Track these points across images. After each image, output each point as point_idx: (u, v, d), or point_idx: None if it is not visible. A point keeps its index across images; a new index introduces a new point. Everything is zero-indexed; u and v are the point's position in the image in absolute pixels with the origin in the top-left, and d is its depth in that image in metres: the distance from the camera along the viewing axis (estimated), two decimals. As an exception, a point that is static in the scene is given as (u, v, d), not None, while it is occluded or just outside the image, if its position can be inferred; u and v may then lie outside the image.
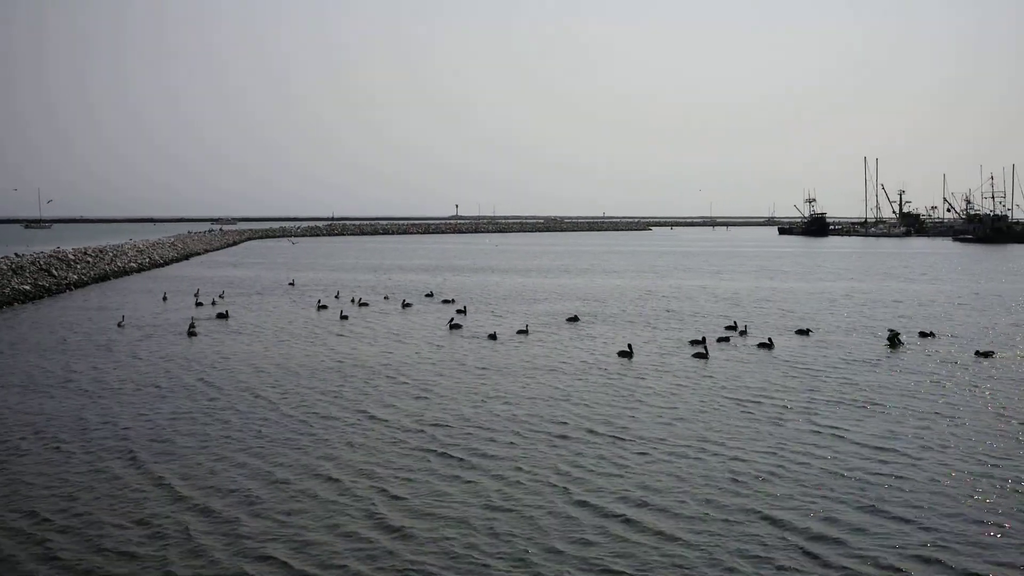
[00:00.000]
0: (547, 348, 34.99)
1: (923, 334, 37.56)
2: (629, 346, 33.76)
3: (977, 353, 32.77)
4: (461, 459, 19.23)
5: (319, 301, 51.51)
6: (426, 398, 25.43)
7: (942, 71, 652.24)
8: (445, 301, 52.47)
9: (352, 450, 19.94)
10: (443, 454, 19.63)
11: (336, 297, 54.62)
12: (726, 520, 15.47)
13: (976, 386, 26.96)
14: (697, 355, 32.70)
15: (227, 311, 46.35)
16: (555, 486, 17.36)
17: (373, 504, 16.33)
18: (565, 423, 22.39)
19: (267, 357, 32.69)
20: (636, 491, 17.02)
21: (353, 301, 52.65)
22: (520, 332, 39.04)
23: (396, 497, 16.72)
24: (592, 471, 18.33)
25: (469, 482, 17.64)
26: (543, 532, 15.03)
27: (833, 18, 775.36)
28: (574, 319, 43.94)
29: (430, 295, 56.56)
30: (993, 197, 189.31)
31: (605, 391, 26.49)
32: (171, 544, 14.56)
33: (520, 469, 18.48)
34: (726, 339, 36.26)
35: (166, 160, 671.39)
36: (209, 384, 27.61)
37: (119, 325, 41.53)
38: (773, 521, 15.43)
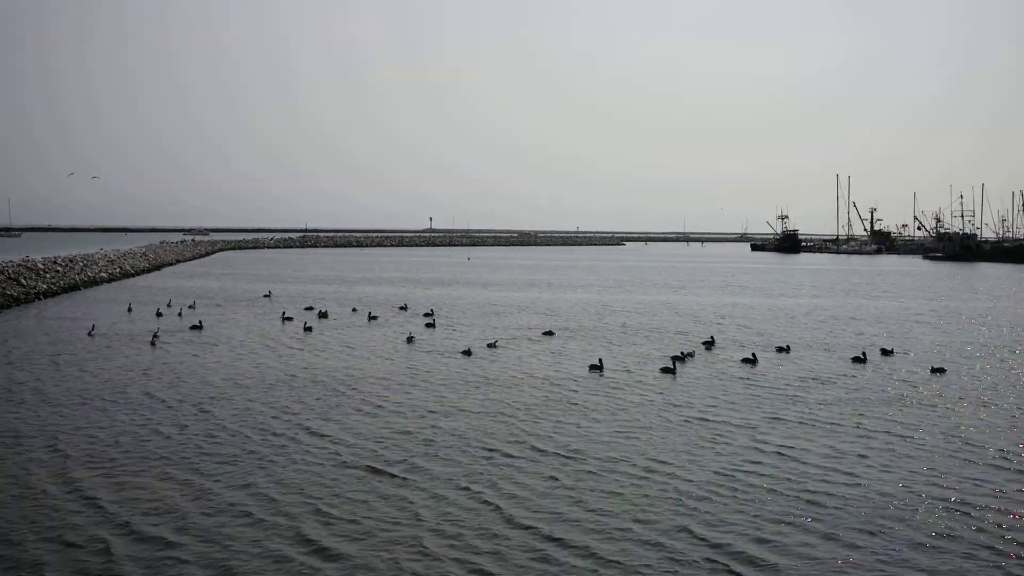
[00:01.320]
0: (514, 362, 34.84)
1: (884, 351, 37.79)
2: (600, 360, 33.85)
3: (933, 370, 33.01)
4: (399, 476, 19.00)
5: (283, 313, 51.16)
6: (373, 414, 25.16)
7: (917, 92, 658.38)
8: (426, 315, 52.21)
9: (291, 467, 19.64)
10: (381, 471, 19.39)
11: (308, 310, 54.20)
12: (654, 542, 15.34)
13: (929, 404, 27.04)
14: (665, 370, 32.72)
15: (200, 322, 46.09)
16: (489, 504, 17.19)
17: (302, 524, 16.06)
18: (513, 440, 22.19)
19: (221, 370, 32.33)
20: (571, 510, 16.87)
21: (315, 311, 52.52)
22: (489, 346, 38.98)
23: (326, 516, 16.47)
24: (531, 489, 18.15)
25: (403, 500, 17.42)
26: (471, 551, 14.86)
27: (811, 35, 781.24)
28: (549, 333, 43.92)
29: (404, 308, 56.29)
30: (962, 216, 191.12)
31: (561, 407, 26.31)
32: (89, 564, 14.29)
33: (457, 487, 18.28)
34: (690, 355, 36.14)
35: (131, 171, 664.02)
36: (157, 398, 27.20)
37: (89, 334, 41.33)
38: (701, 540, 15.34)
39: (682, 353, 36.88)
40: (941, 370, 32.91)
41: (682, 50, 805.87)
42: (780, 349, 38.43)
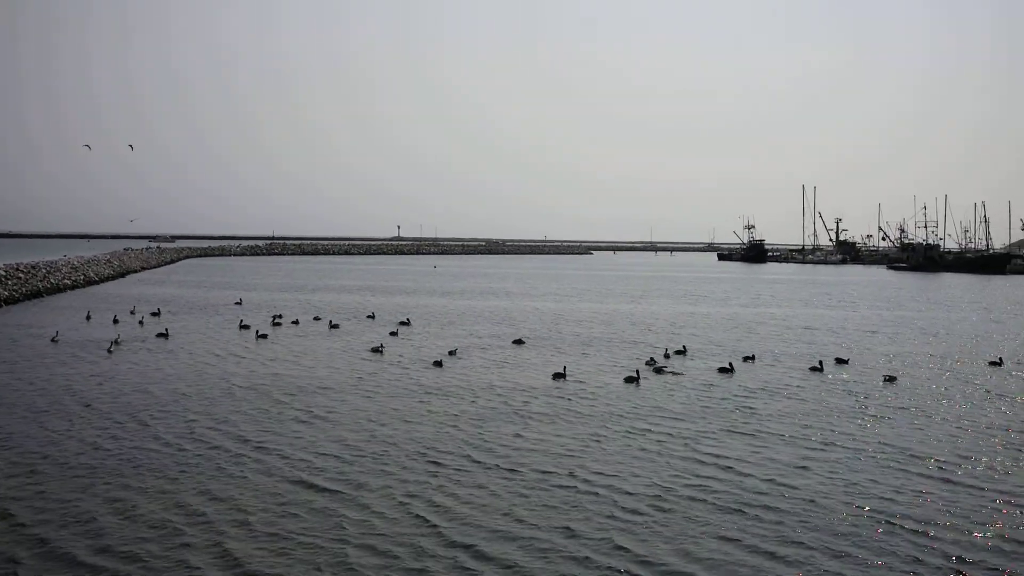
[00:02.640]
0: (473, 371, 34.68)
1: (839, 360, 38.08)
2: (564, 368, 33.99)
3: (885, 379, 33.30)
4: (332, 489, 18.69)
5: (241, 321, 50.67)
6: (315, 424, 24.82)
7: (882, 104, 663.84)
8: (402, 323, 52.06)
9: (222, 480, 19.29)
10: (315, 484, 19.08)
11: (279, 318, 53.79)
12: (581, 557, 15.18)
13: (874, 415, 27.09)
14: (628, 379, 32.75)
15: (167, 329, 45.65)
16: (421, 518, 16.93)
17: (225, 538, 15.74)
18: (455, 451, 21.92)
19: (167, 379, 31.80)
20: (503, 525, 16.65)
21: (284, 320, 52.31)
22: (450, 353, 38.99)
23: (251, 530, 16.18)
24: (468, 503, 17.91)
25: (334, 514, 17.13)
26: (394, 568, 14.63)
27: (780, 49, 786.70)
28: (519, 342, 43.87)
29: (371, 316, 55.90)
30: (926, 227, 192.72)
31: (512, 417, 26.11)
32: (-2, 580, 13.98)
33: (392, 500, 17.99)
34: (665, 357, 35.92)
35: (89, 177, 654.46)
36: (95, 408, 26.69)
37: (53, 340, 41.03)
38: (627, 553, 15.20)
39: (652, 359, 37.45)
40: (892, 379, 33.24)
41: (652, 57, 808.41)
42: (747, 358, 38.59)
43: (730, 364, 35.81)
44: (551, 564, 14.80)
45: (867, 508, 17.77)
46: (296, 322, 51.76)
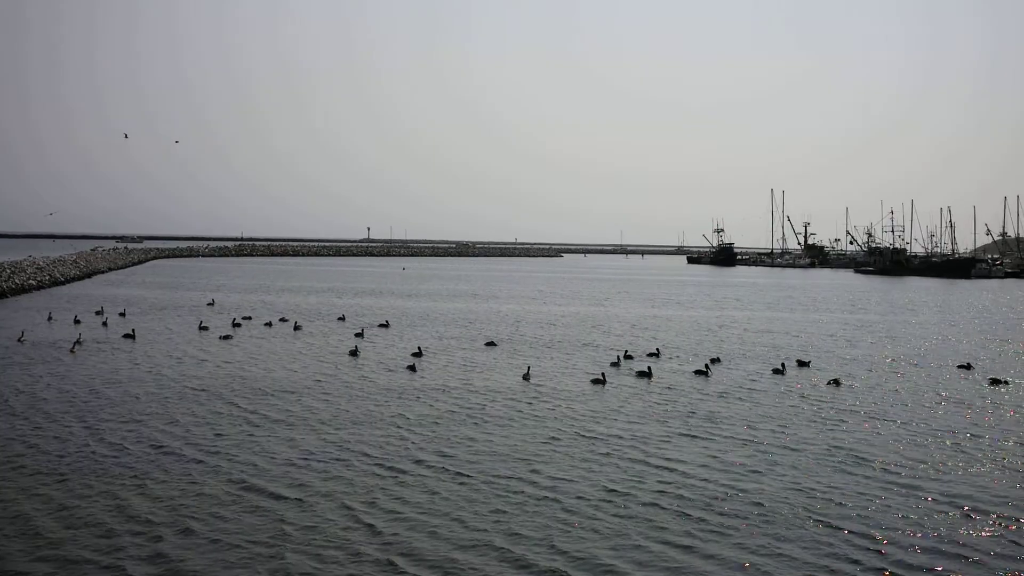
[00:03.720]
0: (438, 373, 34.58)
1: (800, 363, 38.30)
2: (528, 368, 34.24)
3: (831, 382, 33.51)
4: (275, 492, 18.49)
5: (201, 322, 50.27)
6: (264, 426, 24.59)
7: (849, 109, 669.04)
8: (381, 325, 52.11)
9: (164, 483, 19.03)
10: (258, 487, 18.88)
11: (246, 319, 53.84)
12: (515, 558, 15.16)
13: (823, 417, 27.21)
14: (595, 381, 32.89)
15: (133, 331, 45.20)
16: (362, 522, 16.76)
17: (162, 543, 15.55)
18: (404, 455, 21.78)
19: (122, 380, 31.46)
20: (445, 528, 16.57)
21: (252, 321, 51.99)
22: (414, 354, 39.03)
23: (189, 535, 16.00)
24: (411, 505, 17.80)
25: (275, 517, 16.95)
26: (329, 571, 14.55)
27: (751, 52, 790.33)
28: (492, 344, 43.97)
29: (342, 319, 55.62)
30: (893, 231, 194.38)
31: (465, 419, 25.97)
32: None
33: (334, 504, 17.85)
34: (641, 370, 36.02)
35: (57, 177, 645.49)
36: (39, 409, 26.30)
37: (19, 340, 40.67)
38: (562, 553, 15.19)
39: (618, 359, 38.15)
40: (837, 381, 33.46)
41: (623, 56, 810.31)
42: (714, 360, 38.86)
43: (706, 366, 36.14)
44: (486, 566, 14.77)
45: (810, 510, 17.82)
46: (269, 324, 51.51)
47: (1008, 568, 14.98)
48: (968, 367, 38.49)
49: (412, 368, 35.19)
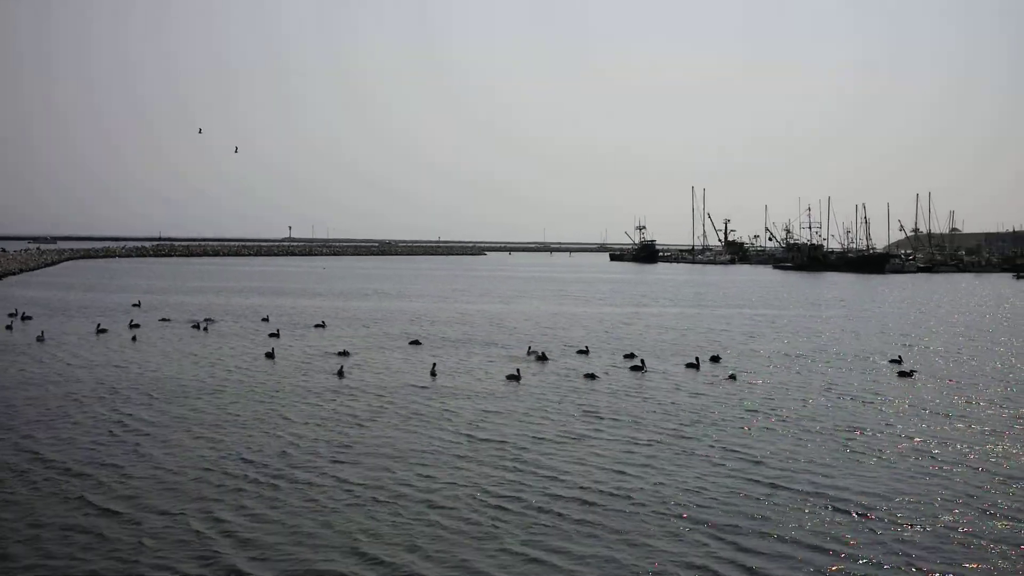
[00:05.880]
0: (356, 373, 34.03)
1: (714, 358, 38.57)
2: (434, 365, 34.45)
3: (729, 377, 33.71)
4: (108, 509, 17.53)
5: (98, 325, 48.92)
6: (134, 429, 23.72)
7: (772, 108, 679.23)
8: (317, 326, 51.40)
9: (23, 494, 18.27)
10: (99, 492, 18.24)
11: (166, 320, 52.94)
12: (366, 561, 14.83)
13: (711, 412, 27.16)
14: (510, 377, 32.84)
15: (43, 332, 44.00)
16: (197, 532, 16.06)
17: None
18: (272, 457, 21.16)
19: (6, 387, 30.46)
20: (280, 537, 16.07)
21: (196, 325, 50.82)
22: (340, 354, 38.88)
23: (32, 548, 15.37)
24: (250, 514, 17.07)
25: (109, 524, 16.35)
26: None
27: (670, 51, 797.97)
28: (416, 343, 43.65)
29: (266, 320, 54.41)
30: (810, 227, 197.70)
31: (340, 420, 25.40)
32: None
33: (171, 509, 17.16)
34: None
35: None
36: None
37: None
38: (421, 555, 14.88)
39: (543, 353, 38.67)
40: (733, 377, 33.66)
41: (550, 71, 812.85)
42: (627, 356, 39.12)
43: (642, 361, 36.18)
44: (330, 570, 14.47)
45: (680, 507, 17.67)
46: (198, 326, 50.31)
47: (868, 562, 15.00)
48: (900, 361, 38.77)
49: (341, 372, 33.72)
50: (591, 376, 33.46)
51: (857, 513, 17.39)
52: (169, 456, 21.14)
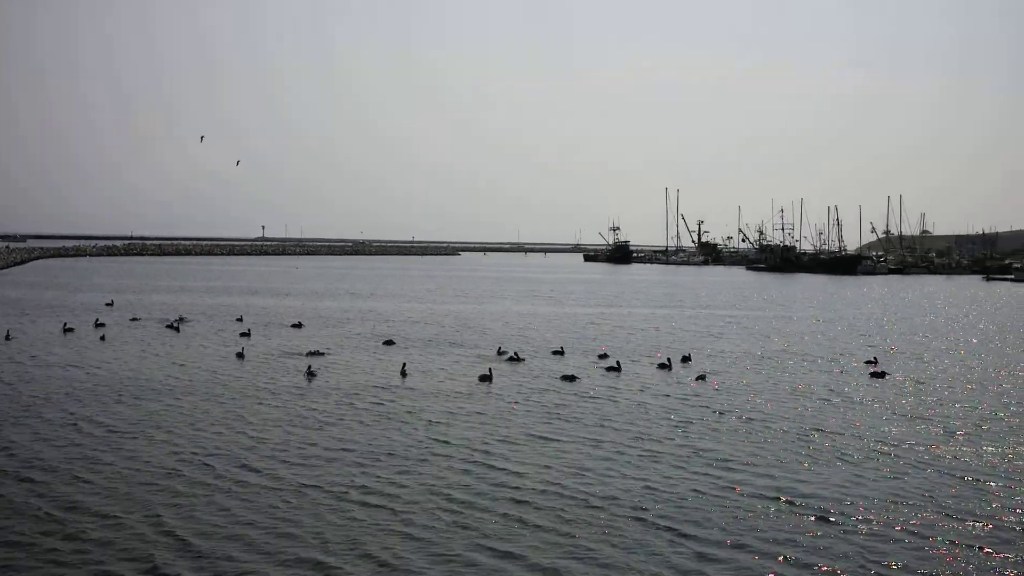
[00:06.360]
0: (329, 374, 33.79)
1: (684, 358, 38.60)
2: (404, 365, 34.52)
3: (698, 378, 33.77)
4: (62, 501, 17.59)
5: (65, 324, 48.46)
6: (70, 437, 23.08)
7: (745, 109, 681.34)
8: (294, 326, 51.24)
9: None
10: (46, 491, 18.13)
11: (136, 319, 52.72)
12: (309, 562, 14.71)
13: (674, 411, 27.14)
14: (482, 377, 32.83)
15: (8, 332, 43.61)
16: (138, 532, 15.96)
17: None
18: (232, 456, 20.95)
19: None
20: (228, 539, 15.90)
21: (170, 325, 50.32)
22: (312, 354, 38.89)
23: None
24: (197, 517, 16.85)
25: (67, 528, 16.13)
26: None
27: (642, 53, 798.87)
28: (390, 343, 43.65)
29: (240, 319, 53.98)
30: (783, 229, 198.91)
31: (301, 421, 25.18)
32: None
33: (132, 514, 16.92)
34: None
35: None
36: None
37: None
38: (366, 557, 14.78)
39: (516, 353, 38.74)
40: (703, 377, 33.82)
41: (521, 68, 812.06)
42: (601, 356, 39.43)
43: (617, 363, 36.27)
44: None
45: (638, 509, 17.62)
46: (171, 325, 49.92)
47: (822, 563, 14.99)
48: (875, 362, 38.96)
49: (310, 374, 33.35)
50: (570, 378, 33.28)
51: (814, 514, 17.40)
52: (125, 459, 20.85)
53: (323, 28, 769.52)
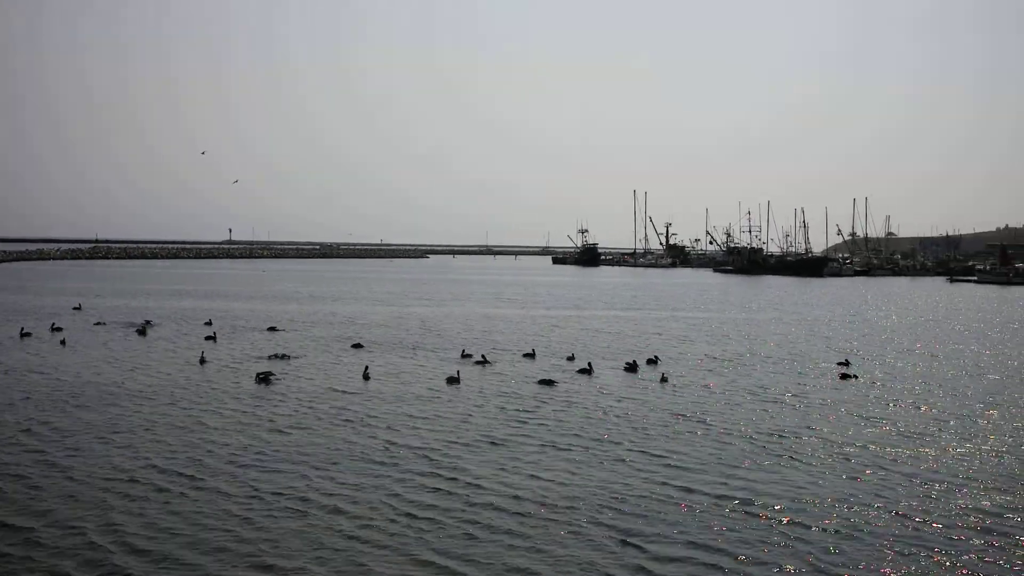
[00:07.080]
0: (291, 377, 33.52)
1: (650, 360, 38.70)
2: (366, 368, 34.47)
3: (661, 380, 33.81)
4: (10, 507, 17.31)
5: (22, 329, 47.77)
6: (22, 442, 22.81)
7: (716, 111, 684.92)
8: (270, 329, 51.03)
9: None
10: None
11: (100, 324, 52.21)
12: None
13: (634, 414, 27.18)
14: (450, 380, 32.82)
15: None
16: (96, 545, 15.61)
17: None
18: (198, 462, 20.71)
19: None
20: (174, 543, 15.74)
21: (139, 330, 49.51)
22: (278, 357, 38.85)
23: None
24: (143, 521, 16.70)
25: (15, 534, 15.92)
26: None
27: (616, 53, 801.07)
28: (358, 346, 43.59)
29: (209, 323, 53.34)
30: (751, 231, 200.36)
31: (270, 424, 25.00)
32: None
33: (83, 521, 16.70)
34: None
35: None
36: None
37: None
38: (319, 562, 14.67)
39: (483, 356, 38.87)
40: (665, 380, 33.87)
41: (494, 68, 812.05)
42: (569, 358, 39.53)
43: (589, 365, 36.44)
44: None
45: (592, 512, 17.60)
46: (140, 330, 49.08)
47: (773, 563, 15.04)
48: (847, 364, 39.20)
49: (265, 379, 32.85)
50: (548, 382, 32.90)
51: (767, 515, 17.45)
52: (76, 464, 20.56)
53: (269, 29, 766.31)
